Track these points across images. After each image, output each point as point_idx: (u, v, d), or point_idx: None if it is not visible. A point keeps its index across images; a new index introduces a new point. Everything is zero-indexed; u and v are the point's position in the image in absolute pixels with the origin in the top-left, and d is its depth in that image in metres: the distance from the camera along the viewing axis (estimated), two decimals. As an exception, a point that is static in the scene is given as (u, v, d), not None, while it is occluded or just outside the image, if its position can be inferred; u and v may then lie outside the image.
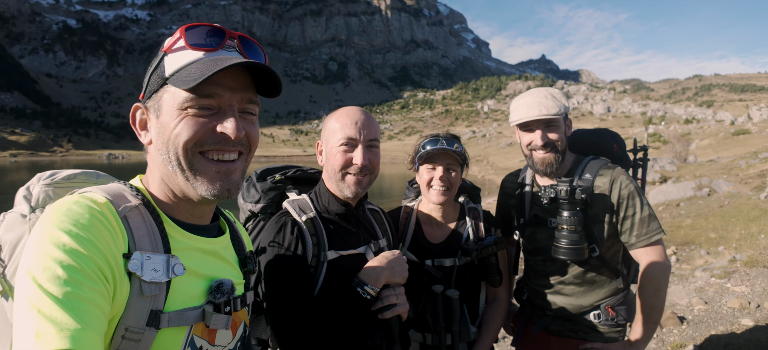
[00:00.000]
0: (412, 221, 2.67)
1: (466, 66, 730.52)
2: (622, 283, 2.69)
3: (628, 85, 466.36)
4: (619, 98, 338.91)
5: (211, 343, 1.26)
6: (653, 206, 17.72)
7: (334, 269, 1.96)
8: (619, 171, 2.56)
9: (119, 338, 1.07)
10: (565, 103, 2.56)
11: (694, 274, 8.78)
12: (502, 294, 2.69)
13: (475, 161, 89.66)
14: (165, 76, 1.21)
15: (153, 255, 1.13)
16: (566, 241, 2.46)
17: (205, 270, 1.28)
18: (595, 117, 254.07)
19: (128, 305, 1.08)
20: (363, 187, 2.03)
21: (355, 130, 1.98)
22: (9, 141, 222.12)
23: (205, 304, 1.24)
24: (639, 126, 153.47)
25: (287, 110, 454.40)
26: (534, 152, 2.58)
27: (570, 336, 2.72)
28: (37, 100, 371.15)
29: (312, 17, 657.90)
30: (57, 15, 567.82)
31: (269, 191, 2.26)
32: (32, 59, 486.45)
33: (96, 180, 1.48)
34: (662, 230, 2.50)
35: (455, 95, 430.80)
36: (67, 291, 0.93)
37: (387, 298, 1.93)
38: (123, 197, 1.19)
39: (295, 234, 1.93)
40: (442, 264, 2.53)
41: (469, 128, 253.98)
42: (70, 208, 1.06)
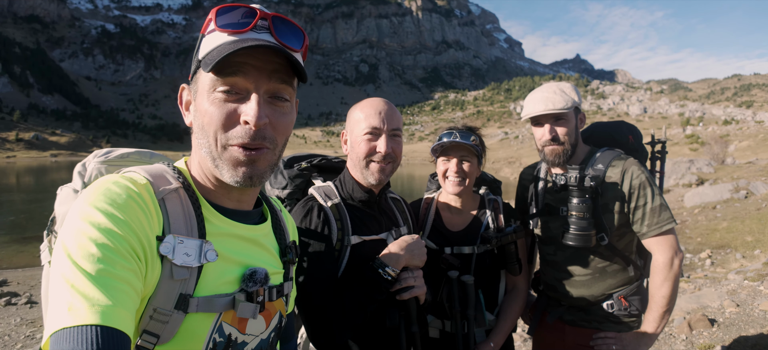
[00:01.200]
0: (432, 211, 2.75)
1: (498, 66, 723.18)
2: (634, 272, 2.71)
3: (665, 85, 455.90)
4: (655, 99, 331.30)
5: (241, 331, 1.26)
6: (689, 208, 17.86)
7: (357, 253, 2.04)
8: (631, 162, 2.59)
9: (147, 318, 1.08)
10: (574, 97, 2.60)
11: (727, 277, 8.67)
12: (521, 284, 2.74)
13: (507, 162, 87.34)
14: (199, 59, 1.21)
15: (186, 239, 1.14)
16: (574, 227, 2.52)
17: (240, 257, 1.27)
18: (631, 118, 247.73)
19: (158, 286, 1.09)
20: (386, 174, 2.10)
21: (379, 120, 2.05)
22: (50, 142, 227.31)
23: (237, 292, 1.23)
24: (676, 127, 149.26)
25: (319, 111, 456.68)
26: (544, 145, 2.65)
27: (584, 326, 2.76)
28: (77, 102, 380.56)
29: (343, 20, 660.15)
30: (96, 20, 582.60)
31: (296, 177, 2.34)
32: (72, 63, 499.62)
33: (149, 159, 1.49)
34: (674, 219, 2.53)
35: (487, 96, 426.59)
36: (100, 268, 0.94)
37: (405, 280, 2.01)
38: (164, 178, 1.20)
39: (321, 218, 2.00)
40: (461, 252, 2.60)
41: (501, 129, 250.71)
42: (108, 187, 1.07)
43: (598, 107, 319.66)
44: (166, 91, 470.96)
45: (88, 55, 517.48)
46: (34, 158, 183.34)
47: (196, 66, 1.23)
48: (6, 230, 21.90)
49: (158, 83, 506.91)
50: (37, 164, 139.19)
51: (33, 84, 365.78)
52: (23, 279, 11.74)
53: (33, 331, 7.20)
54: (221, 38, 1.18)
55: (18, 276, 12.07)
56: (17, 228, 22.77)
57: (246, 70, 1.16)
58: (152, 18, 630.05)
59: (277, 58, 1.19)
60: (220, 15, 1.19)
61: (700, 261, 10.91)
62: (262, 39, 1.18)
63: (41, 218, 24.05)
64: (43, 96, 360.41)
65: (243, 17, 1.19)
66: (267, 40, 1.18)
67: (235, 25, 1.18)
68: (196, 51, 1.24)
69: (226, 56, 1.11)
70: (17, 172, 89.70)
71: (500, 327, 2.61)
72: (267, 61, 1.18)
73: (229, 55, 1.12)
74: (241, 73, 1.16)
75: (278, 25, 1.22)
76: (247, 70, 1.16)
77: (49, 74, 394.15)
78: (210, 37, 1.20)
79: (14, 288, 10.51)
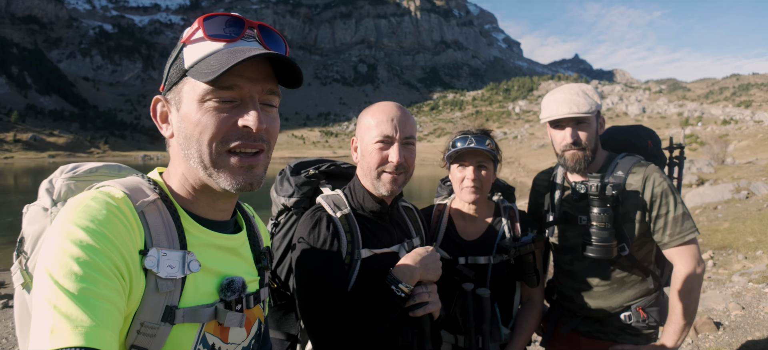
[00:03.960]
0: (444, 219, 2.65)
1: (496, 66, 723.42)
2: (653, 284, 2.62)
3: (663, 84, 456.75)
4: (654, 98, 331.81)
5: (224, 341, 1.25)
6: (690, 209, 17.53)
7: (368, 267, 1.95)
8: (652, 168, 2.51)
9: (135, 333, 1.07)
10: (597, 100, 2.51)
11: (732, 279, 8.65)
12: (536, 296, 2.65)
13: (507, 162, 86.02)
14: (184, 68, 1.18)
15: (169, 252, 1.13)
16: (595, 238, 2.43)
17: (218, 267, 1.26)
18: (630, 118, 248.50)
19: (144, 300, 1.08)
20: (399, 185, 1.99)
21: (391, 127, 1.94)
22: (47, 142, 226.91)
23: (217, 302, 1.23)
24: (675, 127, 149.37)
25: (317, 111, 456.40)
26: (564, 149, 2.55)
27: (600, 338, 2.69)
28: (75, 103, 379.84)
29: (342, 20, 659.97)
30: (93, 20, 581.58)
31: (303, 185, 2.25)
32: (70, 63, 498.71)
33: (118, 173, 1.46)
34: (696, 229, 2.46)
35: (486, 96, 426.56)
36: (83, 287, 0.93)
37: (419, 296, 1.91)
38: (141, 191, 1.19)
39: (330, 230, 1.92)
40: (476, 262, 2.50)
41: (501, 129, 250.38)
42: (87, 204, 1.06)
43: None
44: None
45: (85, 55, 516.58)
46: (32, 158, 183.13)
47: (179, 75, 1.19)
48: (3, 232, 21.85)
49: (156, 84, 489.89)
50: (35, 165, 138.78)
51: (31, 85, 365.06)
52: (21, 281, 11.60)
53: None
54: (212, 47, 1.17)
55: (15, 279, 11.93)
56: (15, 230, 22.56)
57: (241, 81, 1.16)
58: (150, 18, 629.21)
59: (267, 68, 1.21)
60: (209, 24, 1.18)
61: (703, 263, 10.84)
62: (254, 47, 1.19)
63: (39, 219, 23.84)
64: (41, 97, 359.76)
65: (229, 26, 1.19)
66: (258, 48, 1.19)
67: (226, 34, 1.18)
68: (175, 60, 1.22)
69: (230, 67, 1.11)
70: (15, 173, 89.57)
71: (516, 341, 2.52)
72: (259, 71, 1.19)
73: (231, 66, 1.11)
74: (237, 85, 1.15)
75: (266, 34, 1.24)
76: (243, 82, 1.16)
77: (46, 75, 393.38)
78: (197, 46, 1.18)
79: (11, 290, 10.39)
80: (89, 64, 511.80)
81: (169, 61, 1.23)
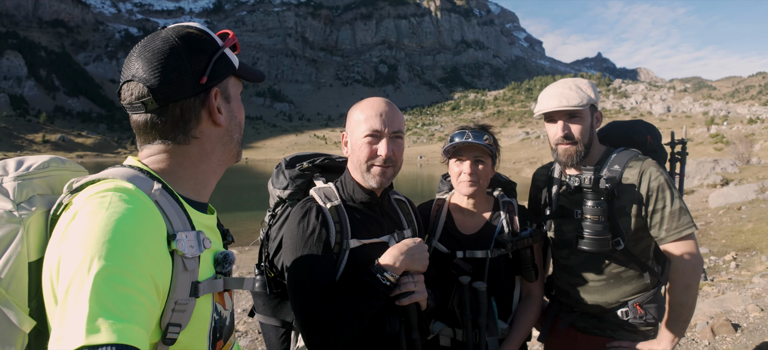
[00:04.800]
0: (443, 213, 2.67)
1: (518, 66, 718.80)
2: (650, 280, 2.59)
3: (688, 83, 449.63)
4: (679, 97, 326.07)
5: (224, 307, 1.38)
6: (713, 209, 17.38)
7: (356, 257, 1.99)
8: (649, 163, 2.50)
9: (170, 312, 1.14)
10: (591, 94, 2.52)
11: (752, 280, 8.48)
12: (536, 290, 2.66)
13: (529, 162, 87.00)
14: (235, 69, 1.42)
15: (188, 233, 1.21)
16: (589, 231, 2.43)
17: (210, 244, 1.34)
18: (654, 117, 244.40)
19: (174, 281, 1.15)
20: (387, 178, 2.05)
21: (380, 122, 2.00)
22: (75, 143, 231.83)
23: (217, 273, 1.34)
24: (700, 126, 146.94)
25: (339, 112, 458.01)
26: (557, 143, 2.58)
27: (597, 334, 2.67)
28: (102, 104, 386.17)
29: (362, 21, 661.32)
30: (119, 24, 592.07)
31: (297, 178, 2.32)
32: (96, 66, 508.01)
33: (64, 166, 1.43)
34: (694, 224, 2.44)
35: (507, 96, 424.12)
36: (119, 285, 0.96)
37: (405, 285, 1.95)
38: (142, 181, 1.23)
39: (319, 220, 1.98)
40: (473, 256, 2.51)
41: (522, 129, 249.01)
42: (111, 200, 1.08)
43: (620, 106, 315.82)
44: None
45: (112, 58, 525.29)
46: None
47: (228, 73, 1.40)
48: None
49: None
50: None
51: (59, 87, 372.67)
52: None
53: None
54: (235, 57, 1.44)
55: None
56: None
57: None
58: (174, 21, 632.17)
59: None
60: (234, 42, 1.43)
61: (725, 264, 10.63)
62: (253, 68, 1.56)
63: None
64: (69, 99, 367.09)
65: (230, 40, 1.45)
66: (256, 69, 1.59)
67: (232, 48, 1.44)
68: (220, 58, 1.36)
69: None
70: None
71: (514, 336, 2.53)
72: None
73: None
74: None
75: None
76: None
77: (74, 77, 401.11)
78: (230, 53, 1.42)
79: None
80: (115, 67, 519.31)
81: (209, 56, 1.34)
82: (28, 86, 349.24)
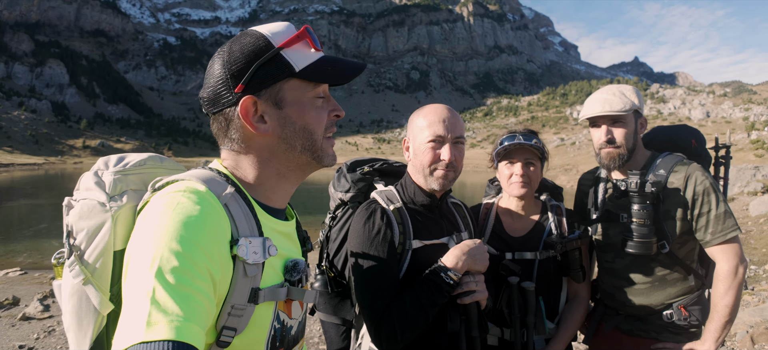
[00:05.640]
0: (492, 216, 2.71)
1: (553, 70, 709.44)
2: (695, 282, 2.62)
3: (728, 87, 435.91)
4: (718, 102, 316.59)
5: (289, 316, 1.38)
6: (754, 218, 17.19)
7: (418, 257, 2.07)
8: (694, 167, 2.53)
9: (226, 315, 1.17)
10: (634, 100, 2.56)
11: None
12: (583, 292, 2.71)
13: (564, 169, 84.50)
14: (295, 71, 1.32)
15: (253, 239, 1.22)
16: (635, 234, 2.46)
17: (282, 251, 1.36)
18: (693, 122, 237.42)
19: (233, 285, 1.17)
20: (449, 181, 2.12)
21: (443, 128, 2.07)
22: (115, 149, 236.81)
23: (285, 282, 1.33)
24: (740, 132, 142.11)
25: (370, 119, 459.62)
26: (600, 147, 2.62)
27: (641, 336, 2.69)
28: (141, 111, 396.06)
29: (394, 28, 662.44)
30: (158, 33, 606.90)
31: (358, 181, 2.40)
32: (136, 74, 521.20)
33: (161, 164, 1.52)
34: (738, 227, 2.47)
35: (542, 101, 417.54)
36: (181, 282, 0.99)
37: (467, 284, 2.01)
38: (217, 183, 1.27)
39: (384, 221, 2.06)
40: (522, 257, 2.56)
41: (557, 135, 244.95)
42: (179, 201, 1.13)
43: (658, 111, 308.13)
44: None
45: (150, 66, 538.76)
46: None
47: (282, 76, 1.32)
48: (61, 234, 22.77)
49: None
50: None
51: (99, 94, 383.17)
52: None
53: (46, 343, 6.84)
54: (316, 55, 1.37)
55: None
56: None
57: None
58: (211, 30, 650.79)
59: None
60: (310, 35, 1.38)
61: (766, 273, 10.55)
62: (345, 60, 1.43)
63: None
64: (109, 106, 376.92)
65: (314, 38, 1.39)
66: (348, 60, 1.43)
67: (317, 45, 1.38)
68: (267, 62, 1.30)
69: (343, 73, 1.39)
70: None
71: (561, 336, 2.57)
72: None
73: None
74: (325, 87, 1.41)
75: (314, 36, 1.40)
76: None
77: (114, 85, 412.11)
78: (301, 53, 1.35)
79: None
80: (154, 75, 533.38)
81: (251, 61, 1.30)
82: (69, 94, 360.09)
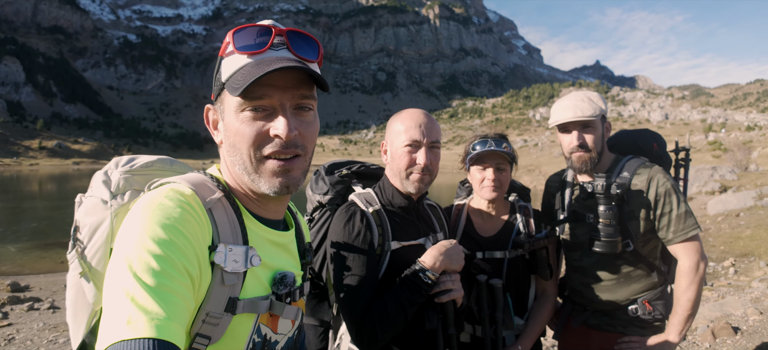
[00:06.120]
0: (463, 216, 2.80)
1: (516, 73, 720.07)
2: (658, 278, 2.76)
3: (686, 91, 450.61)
4: (677, 105, 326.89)
5: (274, 331, 1.33)
6: (712, 216, 17.66)
7: (396, 258, 2.12)
8: (656, 170, 2.64)
9: (200, 322, 1.14)
10: (602, 106, 2.67)
11: (751, 285, 8.83)
12: (550, 289, 2.80)
13: (527, 170, 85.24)
14: (222, 81, 1.25)
15: (234, 247, 1.19)
16: (601, 234, 2.58)
17: (272, 262, 1.33)
18: (652, 124, 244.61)
19: (210, 292, 1.15)
20: (425, 184, 2.17)
21: (419, 132, 2.12)
22: (72, 150, 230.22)
23: (270, 294, 1.30)
24: (698, 133, 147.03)
25: (337, 120, 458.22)
26: (571, 152, 2.70)
27: (609, 330, 2.81)
28: (99, 111, 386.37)
29: (361, 29, 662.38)
30: (118, 30, 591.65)
31: (337, 184, 2.41)
32: (94, 73, 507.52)
33: (170, 167, 1.54)
34: (698, 226, 2.58)
35: (506, 103, 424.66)
36: (159, 282, 0.98)
37: (444, 283, 2.08)
38: (206, 188, 1.25)
39: (364, 224, 2.10)
40: (492, 256, 2.65)
41: (520, 136, 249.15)
42: (161, 202, 1.11)
43: (618, 113, 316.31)
44: (187, 100, 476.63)
45: (110, 65, 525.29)
46: (57, 165, 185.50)
47: (219, 87, 1.27)
48: (28, 237, 21.63)
49: (179, 92, 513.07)
50: (60, 171, 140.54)
51: (56, 93, 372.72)
52: (45, 284, 11.64)
53: (55, 336, 7.23)
54: (241, 60, 1.22)
55: (40, 282, 11.95)
56: (39, 235, 22.62)
57: (271, 90, 1.20)
58: (173, 28, 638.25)
59: (299, 73, 1.23)
60: (238, 37, 1.23)
61: (724, 269, 10.82)
62: (281, 56, 1.23)
63: (63, 224, 23.97)
64: (66, 105, 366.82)
65: (259, 37, 1.23)
66: (285, 56, 1.24)
67: (253, 46, 1.22)
68: (216, 72, 1.29)
69: (251, 82, 1.16)
70: (40, 179, 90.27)
71: (529, 331, 2.66)
72: (289, 78, 1.22)
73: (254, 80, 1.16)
74: (267, 94, 1.20)
75: (294, 39, 1.27)
76: (272, 91, 1.20)
77: (71, 84, 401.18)
78: (230, 59, 1.24)
79: (37, 293, 10.42)
80: (113, 74, 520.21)
81: (215, 73, 1.30)
82: (25, 92, 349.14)
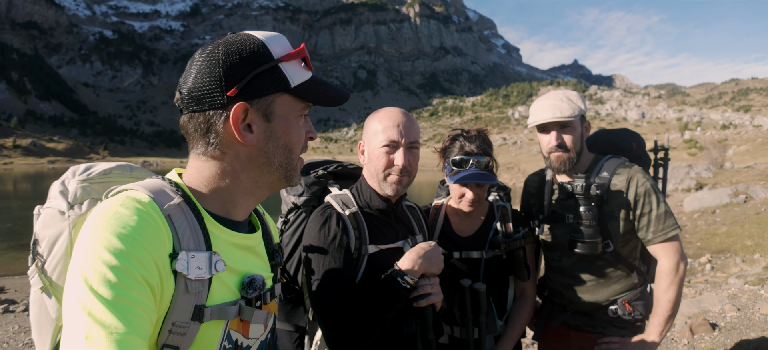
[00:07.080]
0: (440, 217, 2.75)
1: (496, 72, 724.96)
2: (638, 279, 2.74)
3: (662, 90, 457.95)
4: (653, 104, 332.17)
5: (245, 336, 1.30)
6: (688, 213, 17.78)
7: (374, 262, 2.05)
8: (636, 169, 2.62)
9: (166, 333, 1.10)
10: (581, 105, 2.63)
11: (728, 281, 8.82)
12: (529, 290, 2.76)
13: (506, 168, 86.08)
14: (290, 86, 1.26)
15: (197, 253, 1.15)
16: (581, 235, 2.55)
17: (239, 266, 1.30)
18: (629, 123, 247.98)
19: (174, 301, 1.11)
20: (403, 186, 2.10)
21: (397, 132, 2.04)
22: (47, 148, 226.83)
23: (239, 299, 1.27)
24: (675, 132, 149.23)
25: (317, 117, 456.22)
26: (550, 151, 2.67)
27: (588, 331, 2.79)
28: (75, 108, 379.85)
29: (341, 26, 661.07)
30: (94, 26, 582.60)
31: (312, 185, 2.36)
32: (70, 69, 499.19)
33: (130, 174, 1.49)
34: (678, 226, 2.56)
35: (485, 102, 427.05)
36: (117, 294, 0.95)
37: (423, 287, 2.01)
38: (164, 194, 1.20)
39: (340, 227, 2.02)
40: (469, 257, 2.60)
41: (500, 134, 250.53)
42: (117, 210, 1.07)
43: (596, 112, 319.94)
44: (164, 97, 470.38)
45: (86, 61, 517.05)
46: (32, 164, 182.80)
47: (277, 89, 1.25)
48: (3, 237, 21.81)
49: (156, 90, 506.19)
50: (35, 170, 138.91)
51: (30, 90, 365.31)
52: (21, 285, 11.64)
53: (31, 339, 7.13)
54: (307, 74, 1.31)
55: (15, 283, 12.01)
56: (14, 235, 22.63)
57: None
58: (150, 24, 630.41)
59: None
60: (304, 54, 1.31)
61: (701, 266, 10.96)
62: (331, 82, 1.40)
63: (38, 224, 23.86)
64: (41, 102, 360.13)
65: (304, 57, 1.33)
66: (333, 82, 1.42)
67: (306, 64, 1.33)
68: (265, 72, 1.24)
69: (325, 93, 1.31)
70: (14, 179, 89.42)
71: (509, 333, 2.63)
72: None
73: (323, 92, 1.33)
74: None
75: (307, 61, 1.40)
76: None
77: (46, 81, 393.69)
78: (295, 69, 1.28)
79: (12, 295, 10.44)
80: (89, 70, 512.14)
81: (250, 68, 1.22)
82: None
